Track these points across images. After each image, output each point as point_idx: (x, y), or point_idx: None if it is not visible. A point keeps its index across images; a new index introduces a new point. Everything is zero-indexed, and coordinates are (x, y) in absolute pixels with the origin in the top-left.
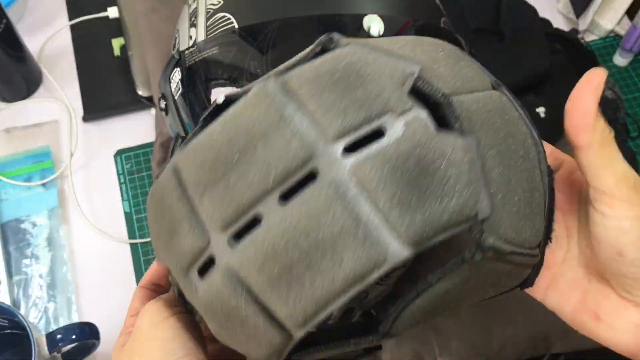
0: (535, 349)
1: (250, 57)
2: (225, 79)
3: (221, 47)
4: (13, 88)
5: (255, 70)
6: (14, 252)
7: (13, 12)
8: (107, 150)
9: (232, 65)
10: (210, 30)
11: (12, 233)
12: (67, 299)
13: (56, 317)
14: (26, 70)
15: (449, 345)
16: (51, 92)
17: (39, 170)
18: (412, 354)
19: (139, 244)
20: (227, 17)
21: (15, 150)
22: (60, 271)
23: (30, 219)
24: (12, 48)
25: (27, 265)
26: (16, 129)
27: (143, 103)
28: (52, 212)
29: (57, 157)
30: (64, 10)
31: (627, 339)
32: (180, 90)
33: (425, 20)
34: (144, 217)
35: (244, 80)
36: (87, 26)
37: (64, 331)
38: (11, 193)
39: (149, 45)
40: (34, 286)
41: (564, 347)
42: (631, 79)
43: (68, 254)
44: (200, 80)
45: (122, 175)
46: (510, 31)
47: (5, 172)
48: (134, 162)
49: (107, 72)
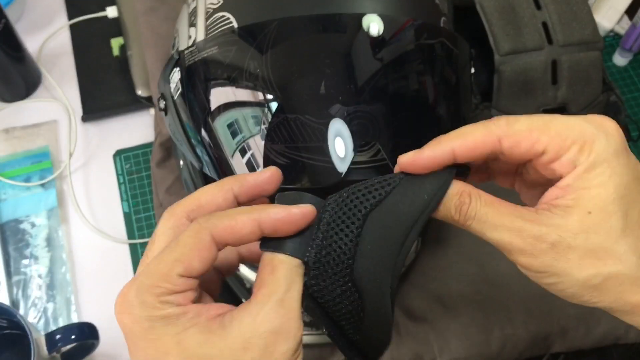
0: (534, 349)
1: (250, 56)
2: (224, 78)
3: (221, 47)
4: (12, 88)
5: (255, 70)
6: (13, 253)
7: (12, 12)
8: (106, 150)
9: (231, 65)
10: (209, 30)
11: (11, 233)
12: (66, 299)
13: (55, 318)
14: (25, 70)
15: (449, 345)
16: (50, 92)
17: (38, 170)
18: (411, 354)
19: (138, 244)
20: (226, 17)
21: (14, 150)
22: (60, 271)
23: (29, 219)
24: (11, 48)
25: (26, 265)
26: (15, 129)
27: (142, 103)
28: (51, 212)
29: (56, 157)
30: (63, 10)
31: None
32: (179, 90)
33: (424, 20)
34: (143, 217)
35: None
36: (86, 26)
37: (63, 331)
38: (10, 193)
39: (148, 45)
40: (33, 286)
41: (564, 347)
42: (630, 79)
43: (67, 254)
44: (200, 80)
45: (122, 176)
46: None
47: (5, 172)
48: (133, 162)
49: (106, 72)
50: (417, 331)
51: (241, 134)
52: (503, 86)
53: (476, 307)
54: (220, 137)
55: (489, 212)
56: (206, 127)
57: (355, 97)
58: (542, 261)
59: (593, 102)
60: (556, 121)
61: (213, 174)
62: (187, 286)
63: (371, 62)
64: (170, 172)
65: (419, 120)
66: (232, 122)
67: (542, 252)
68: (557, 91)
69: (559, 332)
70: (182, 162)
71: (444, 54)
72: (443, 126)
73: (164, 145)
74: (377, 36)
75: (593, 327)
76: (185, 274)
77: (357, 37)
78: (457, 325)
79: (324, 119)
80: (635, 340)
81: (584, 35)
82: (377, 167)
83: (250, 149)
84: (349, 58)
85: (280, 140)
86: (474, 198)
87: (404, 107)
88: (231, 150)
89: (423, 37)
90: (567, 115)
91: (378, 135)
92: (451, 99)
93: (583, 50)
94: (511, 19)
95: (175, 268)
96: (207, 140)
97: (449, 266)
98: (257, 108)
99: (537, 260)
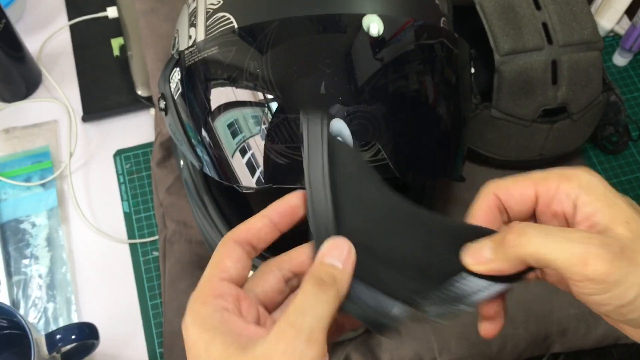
0: (534, 349)
1: (250, 57)
2: (224, 79)
3: (221, 47)
4: (12, 88)
5: (255, 71)
6: (14, 252)
7: (12, 12)
8: (107, 150)
9: (231, 65)
10: (209, 30)
11: (12, 233)
12: (67, 299)
13: (55, 318)
14: (25, 70)
15: (449, 345)
16: (50, 92)
17: (38, 170)
18: (411, 354)
19: (138, 244)
20: (226, 17)
21: (15, 150)
22: (60, 271)
23: (29, 219)
24: (12, 48)
25: (27, 265)
26: (15, 129)
27: (142, 103)
28: (51, 212)
29: (57, 157)
30: (63, 10)
31: None
32: (179, 90)
33: (424, 20)
34: (144, 217)
35: (243, 80)
36: (86, 26)
37: (63, 331)
38: (10, 193)
39: (148, 45)
40: (33, 286)
41: (564, 347)
42: (630, 79)
43: (67, 254)
44: (200, 80)
45: (122, 175)
46: None
47: (5, 172)
48: (134, 162)
49: (107, 72)
50: (417, 331)
51: (241, 134)
52: (503, 86)
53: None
54: (221, 137)
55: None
56: (206, 127)
57: (355, 97)
58: (618, 266)
59: (593, 102)
60: (536, 175)
61: (213, 173)
62: (228, 290)
63: (371, 62)
64: (171, 172)
65: (419, 120)
66: (232, 122)
67: (616, 257)
68: (557, 91)
69: (559, 332)
70: (182, 162)
71: (444, 54)
72: (443, 126)
73: (164, 145)
74: (377, 36)
75: (593, 327)
76: (222, 276)
77: (357, 37)
78: (457, 325)
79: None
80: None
81: (584, 35)
82: (377, 167)
83: (251, 148)
84: (349, 58)
85: (281, 140)
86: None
87: (404, 107)
88: (231, 150)
89: (423, 38)
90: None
91: (378, 135)
92: (451, 99)
93: (583, 50)
94: (511, 19)
95: (213, 274)
96: (207, 140)
97: None
98: (257, 108)
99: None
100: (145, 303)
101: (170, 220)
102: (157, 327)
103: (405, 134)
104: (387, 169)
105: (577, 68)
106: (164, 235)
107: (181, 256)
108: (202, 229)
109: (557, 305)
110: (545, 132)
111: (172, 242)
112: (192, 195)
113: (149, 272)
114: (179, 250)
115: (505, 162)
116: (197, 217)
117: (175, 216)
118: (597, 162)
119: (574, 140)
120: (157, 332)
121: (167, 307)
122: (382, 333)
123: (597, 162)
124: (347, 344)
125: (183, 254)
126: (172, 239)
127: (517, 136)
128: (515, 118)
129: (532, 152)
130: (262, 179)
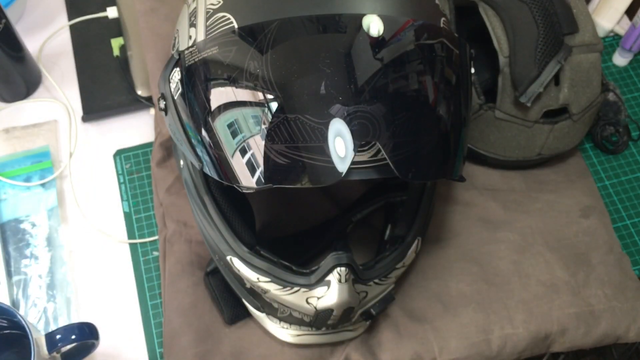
0: (534, 349)
1: (250, 57)
2: (224, 78)
3: (221, 47)
4: (12, 88)
5: (255, 71)
6: (14, 252)
7: (12, 12)
8: (107, 150)
9: (231, 65)
10: (209, 30)
11: (12, 233)
12: (67, 299)
13: (55, 317)
14: (25, 70)
15: (449, 345)
16: (50, 92)
17: (38, 170)
18: (411, 353)
19: (138, 244)
20: (226, 17)
21: (15, 150)
22: (60, 271)
23: (29, 219)
24: (12, 48)
25: (27, 265)
26: (15, 129)
27: (142, 103)
28: (51, 212)
29: (57, 157)
30: (63, 11)
31: None
32: (179, 91)
33: (424, 20)
34: (144, 217)
35: (243, 80)
36: (86, 26)
37: (63, 331)
38: (10, 193)
39: (148, 45)
40: (33, 286)
41: (564, 347)
42: (630, 79)
43: (67, 254)
44: (200, 80)
45: (122, 175)
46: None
47: (5, 172)
48: (134, 162)
49: (107, 72)
50: (417, 331)
51: (241, 134)
52: (507, 88)
53: (476, 307)
54: (221, 137)
55: None
56: (206, 127)
57: (355, 97)
58: None
59: (593, 103)
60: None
61: (213, 173)
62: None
63: (371, 62)
64: (171, 172)
65: (419, 120)
66: (232, 122)
67: None
68: (559, 92)
69: (558, 332)
70: (182, 162)
71: (444, 54)
72: (443, 126)
73: (164, 145)
74: (377, 36)
75: (593, 326)
76: None
77: (357, 37)
78: (457, 325)
79: (324, 119)
80: (635, 340)
81: (585, 38)
82: (377, 167)
83: (251, 148)
84: (349, 58)
85: (281, 140)
86: None
87: (404, 107)
88: (231, 150)
89: (423, 38)
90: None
91: (378, 135)
92: (451, 99)
93: (584, 52)
94: None
95: None
96: (207, 140)
97: (449, 266)
98: (257, 108)
99: None
100: (145, 303)
101: (170, 220)
102: (157, 327)
103: (405, 134)
104: (387, 169)
105: (578, 69)
106: (164, 235)
107: (181, 256)
108: (202, 229)
109: (557, 305)
110: (547, 132)
111: (172, 242)
112: (192, 195)
113: (149, 272)
114: (178, 250)
115: (505, 162)
116: (197, 217)
117: (175, 216)
118: (597, 162)
119: (572, 139)
120: (157, 332)
121: (167, 307)
122: None
123: (597, 162)
124: (347, 344)
125: (183, 254)
126: (172, 239)
127: (519, 137)
128: (518, 119)
129: (532, 152)
130: (262, 179)
